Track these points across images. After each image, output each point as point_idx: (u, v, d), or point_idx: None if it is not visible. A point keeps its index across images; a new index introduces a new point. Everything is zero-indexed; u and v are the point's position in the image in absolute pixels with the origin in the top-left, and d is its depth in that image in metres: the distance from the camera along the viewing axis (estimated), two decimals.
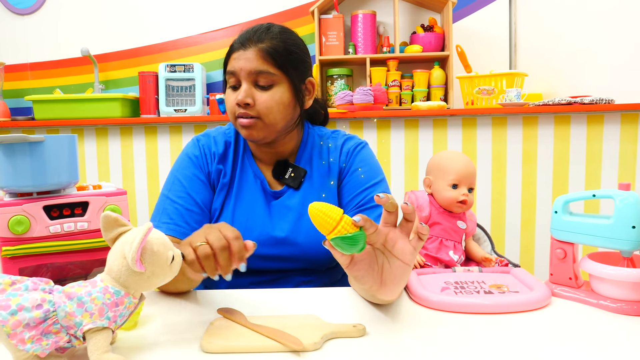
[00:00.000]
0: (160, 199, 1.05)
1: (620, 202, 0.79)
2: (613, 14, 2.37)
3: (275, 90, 0.98)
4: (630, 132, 2.12)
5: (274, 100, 0.97)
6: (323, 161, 1.09)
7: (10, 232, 0.83)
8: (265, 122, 0.98)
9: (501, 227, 2.22)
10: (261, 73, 0.97)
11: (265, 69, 0.96)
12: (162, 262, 0.64)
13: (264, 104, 0.97)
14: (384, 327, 0.74)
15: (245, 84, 0.97)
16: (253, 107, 0.97)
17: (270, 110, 0.97)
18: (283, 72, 0.98)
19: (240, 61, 0.97)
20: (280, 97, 0.98)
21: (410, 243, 0.70)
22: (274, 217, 1.05)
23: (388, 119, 2.20)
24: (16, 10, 2.62)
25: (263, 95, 0.97)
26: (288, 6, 2.55)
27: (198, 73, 2.40)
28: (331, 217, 0.66)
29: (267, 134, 1.01)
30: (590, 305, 0.82)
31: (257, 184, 1.07)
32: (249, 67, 0.96)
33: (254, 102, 0.97)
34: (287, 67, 0.99)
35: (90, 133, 2.32)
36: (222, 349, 0.66)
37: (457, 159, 1.18)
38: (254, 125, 0.99)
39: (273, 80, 0.98)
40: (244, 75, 0.97)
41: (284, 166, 1.07)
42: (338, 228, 0.65)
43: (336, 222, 0.65)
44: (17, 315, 0.57)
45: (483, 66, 2.39)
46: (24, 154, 0.83)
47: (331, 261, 1.07)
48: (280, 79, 0.98)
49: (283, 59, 0.98)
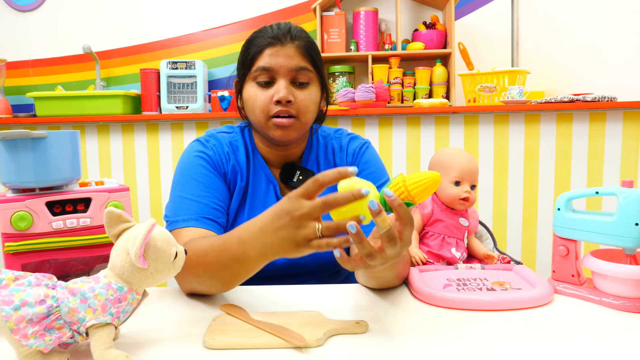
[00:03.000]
0: (175, 200, 0.97)
1: (624, 199, 0.79)
2: (616, 11, 2.36)
3: (311, 89, 0.97)
4: (633, 129, 2.12)
5: (310, 98, 0.96)
6: (329, 162, 1.08)
7: (13, 228, 0.83)
8: (301, 121, 0.96)
9: (503, 224, 2.22)
10: (301, 70, 0.95)
11: (305, 65, 0.95)
12: (165, 259, 0.64)
13: (303, 102, 0.95)
14: (387, 323, 0.74)
15: (284, 81, 0.94)
16: (293, 105, 0.94)
17: (307, 109, 0.96)
18: (316, 71, 0.98)
19: (279, 57, 0.93)
20: (315, 96, 0.98)
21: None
22: None
23: (390, 117, 2.20)
24: (18, 7, 2.62)
25: (301, 94, 0.95)
26: (290, 3, 2.55)
27: (200, 70, 2.39)
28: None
29: (299, 134, 0.99)
30: (592, 302, 0.82)
31: (270, 189, 1.04)
32: (290, 63, 0.94)
33: (294, 100, 0.94)
34: (319, 65, 0.99)
35: (92, 130, 2.32)
36: (225, 345, 0.66)
37: (460, 156, 1.18)
38: (292, 125, 0.95)
39: (310, 78, 0.97)
40: (284, 71, 0.94)
41: (291, 168, 1.05)
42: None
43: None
44: (20, 310, 0.57)
45: (485, 64, 2.39)
46: (26, 150, 0.83)
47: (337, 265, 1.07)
48: (315, 77, 0.98)
49: (317, 57, 0.98)
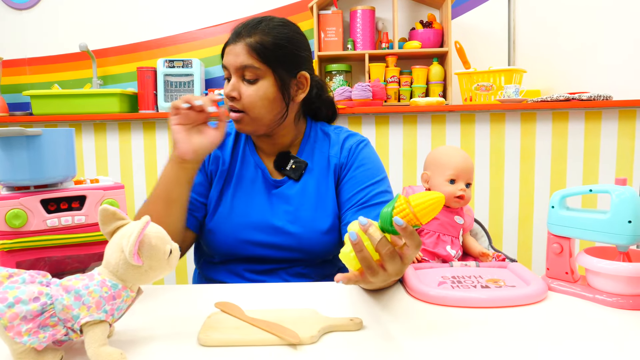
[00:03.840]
0: None
1: (617, 197, 0.79)
2: (612, 11, 2.37)
3: (260, 85, 0.99)
4: (628, 128, 2.12)
5: (257, 94, 0.99)
6: (323, 155, 1.10)
7: (7, 226, 0.83)
8: (250, 116, 1.00)
9: (499, 222, 2.22)
10: (247, 67, 0.98)
11: (250, 63, 0.98)
12: (159, 256, 0.64)
13: (248, 99, 0.99)
14: (381, 321, 0.75)
15: (234, 77, 1.00)
16: (239, 101, 1.00)
17: (254, 105, 0.99)
18: (268, 66, 0.99)
19: (230, 56, 1.00)
20: (264, 91, 0.99)
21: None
22: (273, 205, 1.06)
23: (386, 115, 2.20)
24: (14, 5, 2.61)
25: (248, 90, 0.99)
26: (287, 2, 2.55)
27: (197, 68, 2.39)
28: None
29: (256, 128, 1.03)
30: (586, 299, 0.82)
31: (258, 173, 1.09)
32: (236, 61, 0.99)
33: (239, 96, 1.00)
34: (273, 61, 0.99)
35: (89, 128, 2.32)
36: (219, 342, 0.66)
37: (455, 154, 1.18)
38: (241, 119, 1.01)
39: (257, 74, 0.99)
40: (233, 69, 1.00)
41: (286, 157, 1.08)
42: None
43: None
44: (14, 307, 0.57)
45: (482, 62, 2.39)
46: (21, 148, 0.83)
47: (326, 254, 1.08)
48: (266, 73, 0.99)
49: (269, 54, 0.99)
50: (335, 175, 1.09)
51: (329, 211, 1.06)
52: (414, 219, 0.65)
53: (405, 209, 0.66)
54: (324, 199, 1.07)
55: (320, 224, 1.05)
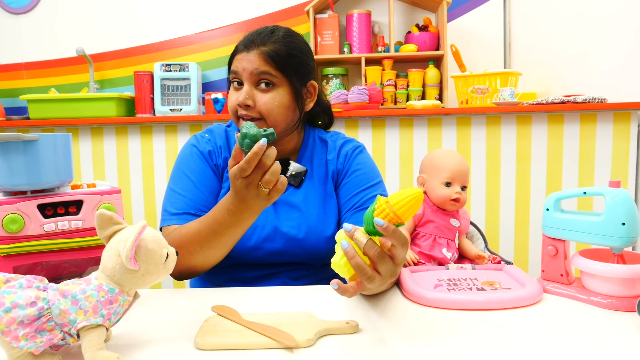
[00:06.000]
0: (168, 193, 1.07)
1: (611, 199, 0.80)
2: (607, 14, 2.39)
3: (276, 93, 1.00)
4: (623, 130, 2.13)
5: (274, 102, 0.99)
6: (321, 160, 1.11)
7: (5, 231, 0.83)
8: (268, 123, 1.00)
9: (495, 225, 2.23)
10: (262, 74, 0.98)
11: (266, 70, 0.98)
12: (156, 260, 0.65)
13: (265, 105, 0.99)
14: (377, 323, 0.75)
15: (247, 85, 1.00)
16: (253, 109, 1.00)
17: (271, 112, 0.99)
18: (284, 75, 1.00)
19: (243, 62, 0.99)
20: (280, 99, 1.00)
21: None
22: (279, 212, 1.06)
23: (383, 118, 2.21)
24: (11, 10, 2.61)
25: (264, 97, 0.99)
26: (283, 6, 2.56)
27: (193, 72, 2.39)
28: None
29: None
30: (581, 301, 0.83)
31: None
32: (251, 68, 0.98)
33: (254, 104, 0.99)
34: (288, 70, 1.00)
35: (86, 133, 2.32)
36: (216, 345, 0.67)
37: (451, 157, 1.19)
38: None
39: (273, 82, 0.99)
40: (246, 76, 0.99)
41: (286, 164, 1.09)
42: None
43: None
44: (11, 312, 0.58)
45: (477, 65, 2.40)
46: (18, 153, 0.83)
47: (327, 258, 1.08)
48: (281, 81, 1.00)
49: (284, 62, 0.99)
50: (334, 181, 1.11)
51: (332, 217, 1.08)
52: (395, 218, 0.66)
53: (386, 209, 0.67)
54: (328, 205, 1.08)
55: (325, 230, 1.06)
